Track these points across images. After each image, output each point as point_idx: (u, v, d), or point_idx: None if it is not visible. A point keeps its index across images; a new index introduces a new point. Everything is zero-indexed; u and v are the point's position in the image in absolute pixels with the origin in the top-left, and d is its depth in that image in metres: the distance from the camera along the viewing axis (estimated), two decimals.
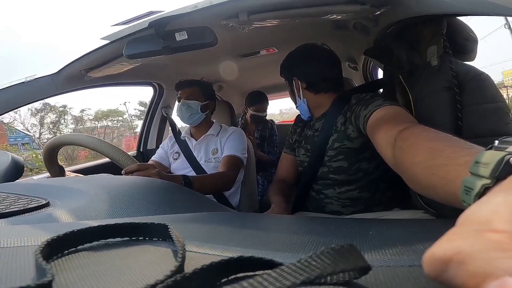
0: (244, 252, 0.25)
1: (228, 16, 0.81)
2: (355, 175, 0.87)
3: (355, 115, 0.81)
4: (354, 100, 0.87)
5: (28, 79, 1.00)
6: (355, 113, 0.81)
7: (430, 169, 0.37)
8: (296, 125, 1.11)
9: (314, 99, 0.96)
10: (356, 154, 0.86)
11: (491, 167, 0.22)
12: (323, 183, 0.93)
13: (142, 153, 1.77)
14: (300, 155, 1.02)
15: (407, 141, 0.48)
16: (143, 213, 0.43)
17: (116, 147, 0.81)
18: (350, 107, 0.86)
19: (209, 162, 1.26)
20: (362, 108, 0.78)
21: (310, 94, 0.96)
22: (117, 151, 0.79)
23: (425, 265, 0.15)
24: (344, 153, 0.87)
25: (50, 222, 0.37)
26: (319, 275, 0.15)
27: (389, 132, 0.57)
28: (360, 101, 0.83)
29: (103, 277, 0.20)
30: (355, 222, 0.39)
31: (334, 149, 0.89)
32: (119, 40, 0.88)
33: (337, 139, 0.88)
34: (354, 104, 0.85)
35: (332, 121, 0.90)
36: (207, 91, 1.32)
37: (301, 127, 1.07)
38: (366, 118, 0.73)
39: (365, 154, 0.85)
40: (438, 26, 0.69)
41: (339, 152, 0.88)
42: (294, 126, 1.13)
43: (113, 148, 0.79)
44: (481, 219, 0.15)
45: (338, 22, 1.11)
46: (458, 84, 0.65)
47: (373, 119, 0.71)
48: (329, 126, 0.91)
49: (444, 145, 0.37)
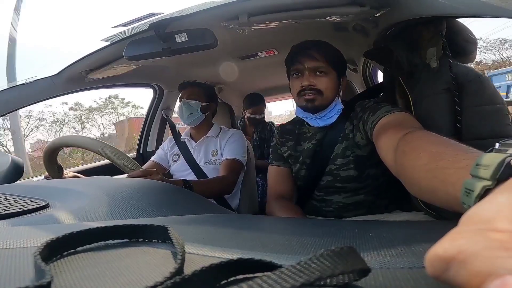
0: (243, 254, 0.25)
1: (228, 18, 0.81)
2: (365, 182, 0.85)
3: (363, 121, 0.80)
4: (358, 107, 0.86)
5: (28, 81, 1.01)
6: (363, 120, 0.80)
7: (431, 172, 0.37)
8: (282, 137, 0.99)
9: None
10: (365, 161, 0.84)
11: (492, 169, 0.22)
12: (327, 191, 0.89)
13: (142, 155, 1.77)
14: (299, 170, 0.94)
15: (409, 144, 0.48)
16: (143, 214, 0.43)
17: (120, 151, 0.80)
18: (356, 115, 0.84)
19: (208, 164, 1.26)
20: (370, 114, 0.77)
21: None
22: (120, 155, 0.79)
23: (427, 264, 0.15)
24: (354, 161, 0.84)
25: (50, 224, 0.37)
26: (318, 277, 0.15)
27: (393, 136, 0.57)
28: (367, 108, 0.82)
29: (102, 278, 0.20)
30: (355, 224, 0.39)
31: (344, 157, 0.85)
32: (120, 41, 0.88)
33: (347, 147, 0.84)
34: (359, 111, 0.83)
35: (339, 129, 0.86)
36: (209, 93, 1.33)
37: (293, 141, 0.96)
38: (374, 124, 0.73)
39: (373, 160, 0.81)
40: (437, 27, 0.69)
41: (350, 161, 0.84)
42: (279, 138, 1.00)
43: (116, 152, 0.79)
44: (483, 219, 0.15)
45: (337, 24, 1.11)
46: (457, 85, 0.66)
47: (380, 125, 0.70)
48: (336, 134, 0.86)
49: (445, 149, 0.37)
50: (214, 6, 0.75)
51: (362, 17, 0.85)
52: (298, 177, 0.95)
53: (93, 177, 0.79)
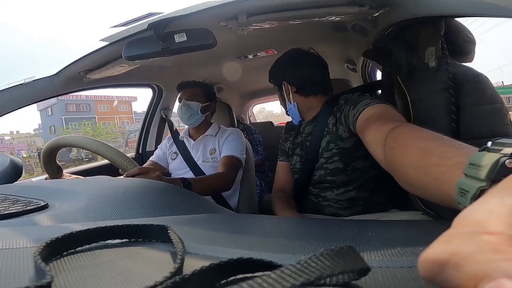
0: (243, 253, 0.25)
1: (227, 17, 0.81)
2: (352, 175, 0.87)
3: (345, 115, 0.82)
4: (342, 100, 0.88)
5: (27, 81, 1.00)
6: (344, 113, 0.82)
7: (422, 169, 0.37)
8: (287, 133, 1.10)
9: (304, 102, 0.97)
10: (350, 154, 0.86)
11: (486, 169, 0.22)
12: (321, 186, 0.93)
13: (141, 154, 1.77)
14: (295, 163, 1.01)
15: (397, 140, 0.47)
16: (142, 214, 0.43)
17: (118, 150, 0.80)
18: (339, 108, 0.87)
19: (206, 162, 1.26)
20: (350, 107, 0.79)
21: (300, 97, 0.96)
22: (118, 154, 0.79)
23: (420, 267, 0.15)
24: (338, 153, 0.87)
25: (49, 224, 0.37)
26: (318, 277, 0.15)
27: (379, 131, 0.57)
28: (348, 101, 0.84)
29: (102, 278, 0.20)
30: (354, 223, 0.39)
31: (329, 150, 0.89)
32: (118, 41, 0.88)
33: (330, 140, 0.88)
34: (342, 104, 0.86)
35: (323, 123, 0.91)
36: (208, 92, 1.32)
37: (293, 135, 1.06)
38: (355, 117, 0.74)
39: (359, 153, 0.85)
40: (436, 27, 0.69)
41: (334, 154, 0.88)
42: (285, 134, 1.11)
43: (114, 151, 0.79)
44: (476, 221, 0.15)
45: (337, 24, 1.11)
46: (456, 85, 0.66)
47: (362, 118, 0.71)
48: (320, 128, 0.91)
49: (435, 145, 0.37)
50: (213, 6, 0.75)
51: (361, 17, 0.85)
52: (295, 170, 1.02)
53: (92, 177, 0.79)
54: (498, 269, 0.12)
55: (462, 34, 0.72)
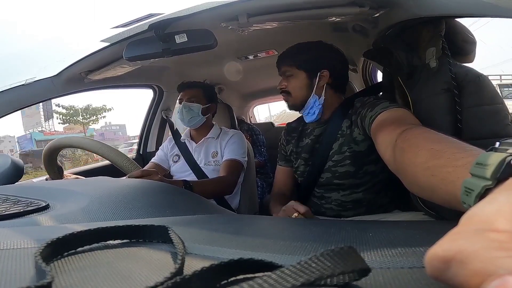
0: (244, 254, 0.25)
1: (228, 18, 0.81)
2: (363, 179, 0.85)
3: (361, 117, 0.80)
4: (358, 103, 0.86)
5: (28, 81, 1.01)
6: (361, 116, 0.80)
7: (430, 170, 0.37)
8: (289, 135, 1.03)
9: (331, 98, 0.90)
10: (363, 157, 0.84)
11: (492, 168, 0.22)
12: (326, 188, 0.90)
13: (142, 155, 1.77)
14: (299, 166, 0.96)
15: (408, 141, 0.47)
16: (143, 215, 0.43)
17: (120, 152, 0.80)
18: (355, 110, 0.84)
19: (208, 165, 1.26)
20: (368, 110, 0.77)
21: (330, 92, 0.90)
22: (120, 155, 0.79)
23: (426, 264, 0.15)
24: (351, 157, 0.84)
25: (50, 225, 0.37)
26: (318, 277, 0.15)
27: (391, 133, 0.57)
28: (366, 103, 0.82)
29: (103, 279, 0.20)
30: (355, 224, 0.39)
31: (340, 153, 0.86)
32: (119, 42, 0.88)
33: (343, 143, 0.85)
34: (359, 107, 0.83)
35: (336, 125, 0.87)
36: (209, 93, 1.32)
37: (296, 138, 1.00)
38: (372, 119, 0.73)
39: (372, 156, 0.82)
40: (436, 27, 0.69)
41: (346, 157, 0.85)
42: (286, 136, 1.04)
43: (116, 153, 0.79)
44: (483, 219, 0.15)
45: (337, 24, 1.11)
46: (457, 85, 0.66)
47: (378, 121, 0.70)
48: (333, 131, 0.88)
49: (444, 146, 0.37)
50: (213, 6, 0.75)
51: (362, 17, 0.85)
52: (298, 173, 0.98)
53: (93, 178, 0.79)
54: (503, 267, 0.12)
55: (463, 34, 0.72)
